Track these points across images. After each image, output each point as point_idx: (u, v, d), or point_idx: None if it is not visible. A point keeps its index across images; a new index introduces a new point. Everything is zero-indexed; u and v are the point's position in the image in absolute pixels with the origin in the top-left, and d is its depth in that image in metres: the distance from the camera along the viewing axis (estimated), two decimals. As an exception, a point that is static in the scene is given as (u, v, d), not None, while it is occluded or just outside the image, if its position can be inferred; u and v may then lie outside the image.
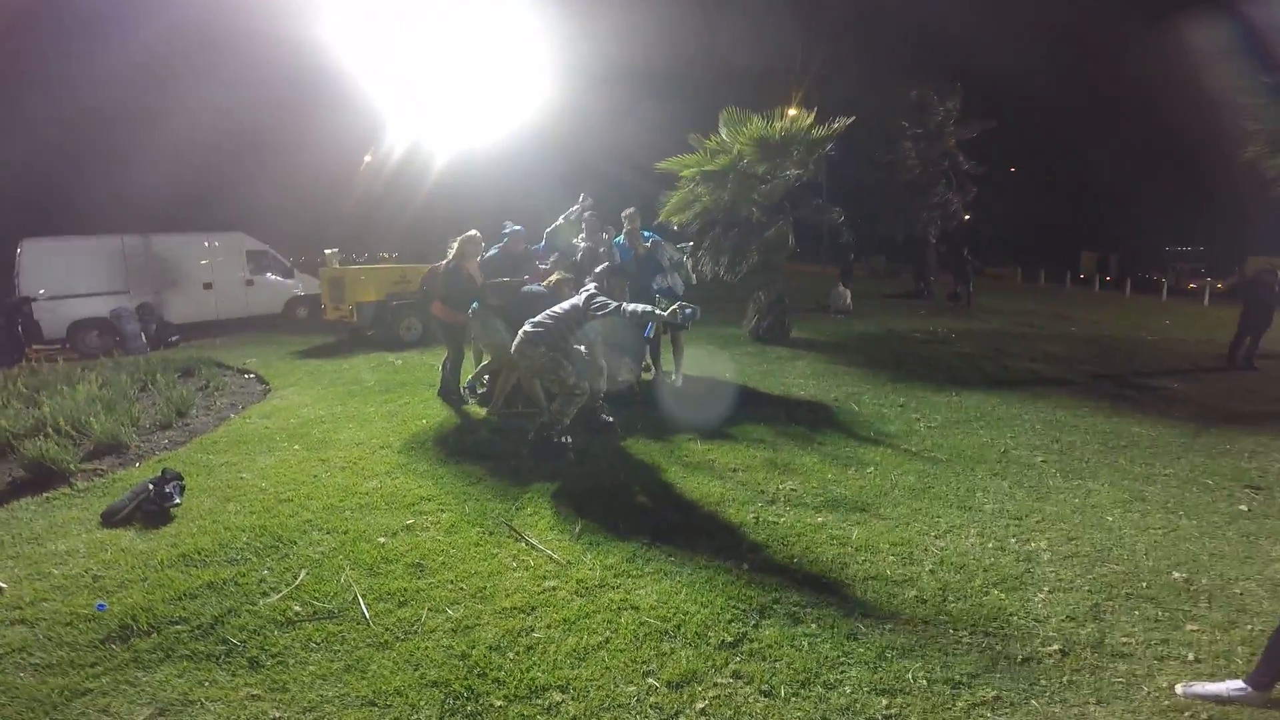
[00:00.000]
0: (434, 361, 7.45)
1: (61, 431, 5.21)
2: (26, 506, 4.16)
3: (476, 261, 6.07)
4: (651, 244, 6.72)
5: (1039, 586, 3.10)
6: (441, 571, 3.19)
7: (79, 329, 11.51)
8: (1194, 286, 24.07)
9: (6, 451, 5.03)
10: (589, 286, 4.88)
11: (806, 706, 2.30)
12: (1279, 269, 9.20)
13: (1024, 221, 34.35)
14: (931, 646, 2.63)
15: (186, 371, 8.05)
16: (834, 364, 8.35)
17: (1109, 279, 28.40)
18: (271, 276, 14.40)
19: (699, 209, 9.33)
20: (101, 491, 4.37)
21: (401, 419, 5.88)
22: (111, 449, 5.18)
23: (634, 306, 4.62)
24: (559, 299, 5.08)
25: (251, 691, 2.38)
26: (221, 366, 8.62)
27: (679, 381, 6.87)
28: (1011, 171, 32.86)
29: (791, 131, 9.04)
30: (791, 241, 9.52)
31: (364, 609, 2.86)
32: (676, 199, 9.47)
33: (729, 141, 9.13)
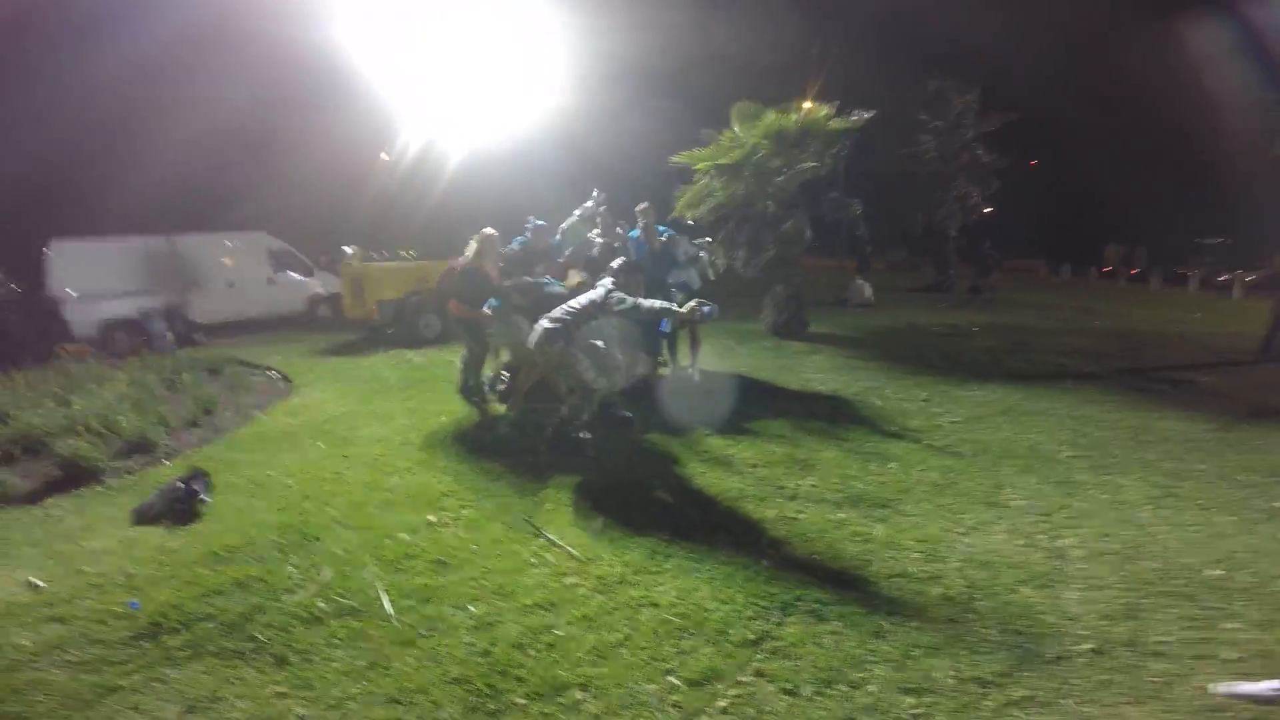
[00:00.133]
0: (454, 359, 7.47)
1: (92, 430, 5.31)
2: (60, 504, 4.27)
3: (494, 260, 6.08)
4: (667, 239, 6.69)
5: (1070, 584, 3.03)
6: (463, 568, 3.21)
7: (108, 328, 11.73)
8: (1224, 279, 23.39)
9: (40, 450, 5.14)
10: (605, 282, 4.87)
11: (830, 705, 2.28)
12: None
13: (1047, 214, 33.70)
14: (959, 645, 2.58)
15: (212, 370, 8.17)
16: (853, 358, 8.26)
17: (1135, 272, 27.73)
18: (293, 275, 14.55)
19: (713, 203, 9.28)
20: (132, 489, 4.46)
21: (422, 416, 5.92)
22: (141, 447, 5.28)
23: (651, 302, 4.61)
24: None
25: (278, 689, 2.41)
26: (246, 365, 8.73)
27: (696, 375, 6.84)
28: (1034, 164, 32.22)
29: (808, 123, 8.95)
30: (808, 235, 9.43)
31: (387, 606, 2.88)
32: (691, 193, 9.43)
33: (743, 135, 9.06)
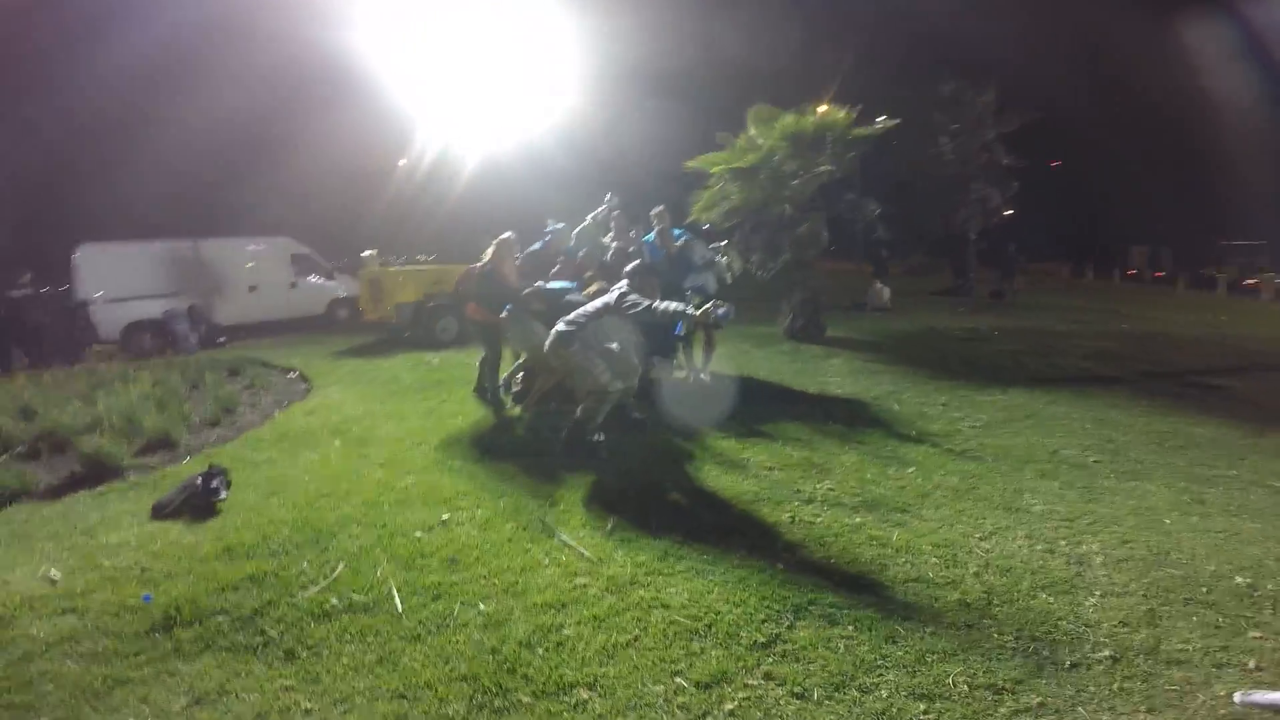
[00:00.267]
0: (470, 361, 7.53)
1: (116, 428, 5.43)
2: (82, 500, 4.35)
3: (512, 263, 6.10)
4: (683, 243, 6.68)
5: (1090, 590, 2.96)
6: (475, 566, 3.21)
7: (133, 330, 11.97)
8: (1253, 282, 22.87)
9: (65, 447, 5.26)
10: (620, 285, 4.87)
11: (840, 710, 2.24)
12: None
13: (1070, 216, 33.19)
14: (974, 651, 2.53)
15: (233, 371, 8.31)
16: (872, 362, 8.17)
17: (1161, 274, 27.23)
18: (314, 279, 14.76)
19: (728, 206, 9.24)
20: (152, 486, 4.53)
21: (438, 416, 5.96)
22: (162, 444, 5.38)
23: (666, 305, 4.60)
24: None
25: (285, 683, 2.42)
26: (267, 366, 8.87)
27: (707, 377, 6.81)
28: (1055, 165, 31.75)
29: (824, 125, 8.88)
30: (825, 237, 9.35)
31: (398, 602, 2.88)
32: (706, 197, 9.39)
33: (759, 138, 9.01)
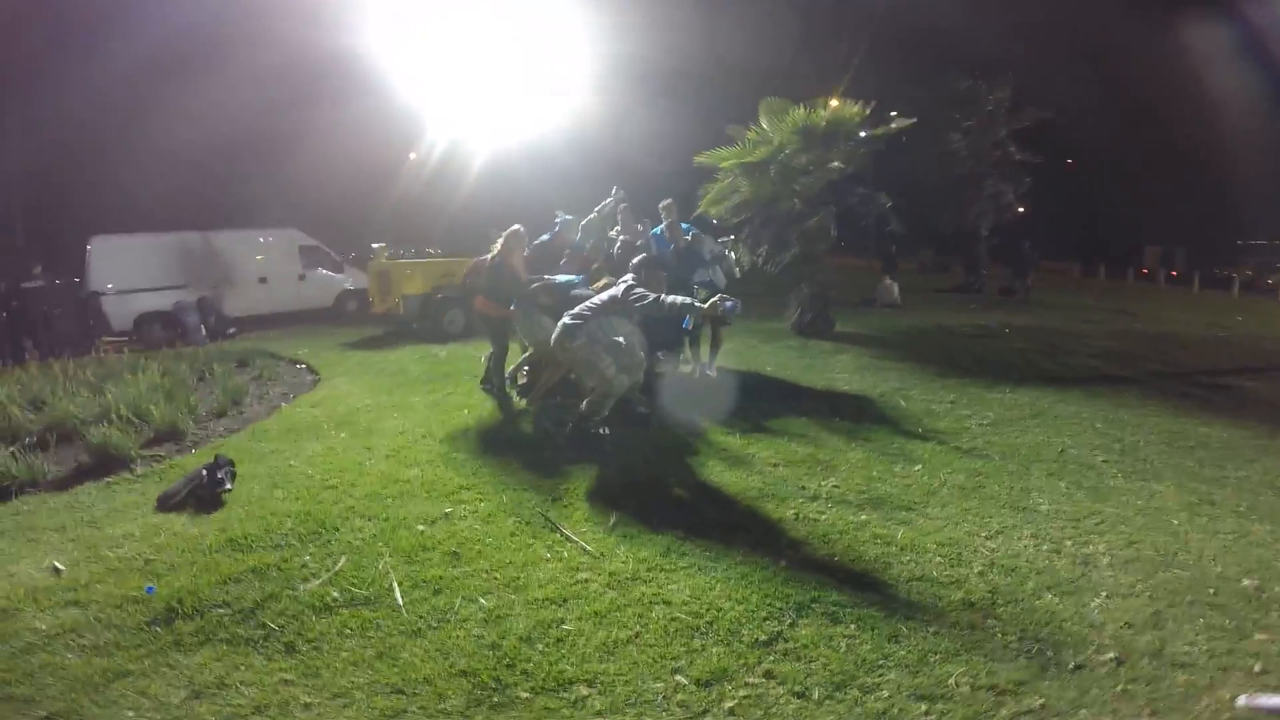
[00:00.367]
0: (477, 354, 7.52)
1: (124, 419, 5.45)
2: (89, 491, 4.36)
3: (521, 255, 6.08)
4: (693, 237, 6.64)
5: (1096, 591, 2.93)
6: (477, 560, 3.21)
7: (144, 321, 12.06)
8: (1271, 282, 22.59)
9: (73, 437, 5.28)
10: (626, 278, 4.84)
11: (840, 710, 2.22)
12: None
13: (1083, 214, 32.82)
14: (977, 651, 2.51)
15: (242, 362, 8.33)
16: (880, 358, 8.12)
17: (1175, 274, 26.89)
18: (323, 271, 14.81)
19: (738, 200, 9.17)
20: (159, 477, 4.55)
21: (444, 409, 5.96)
22: (170, 436, 5.40)
23: (672, 299, 4.58)
24: None
25: (284, 677, 2.42)
26: (275, 357, 8.89)
27: (713, 372, 6.79)
28: (1070, 164, 31.39)
29: (836, 121, 8.80)
30: (833, 232, 9.28)
31: (398, 597, 2.89)
32: (715, 191, 9.33)
33: (769, 132, 8.94)
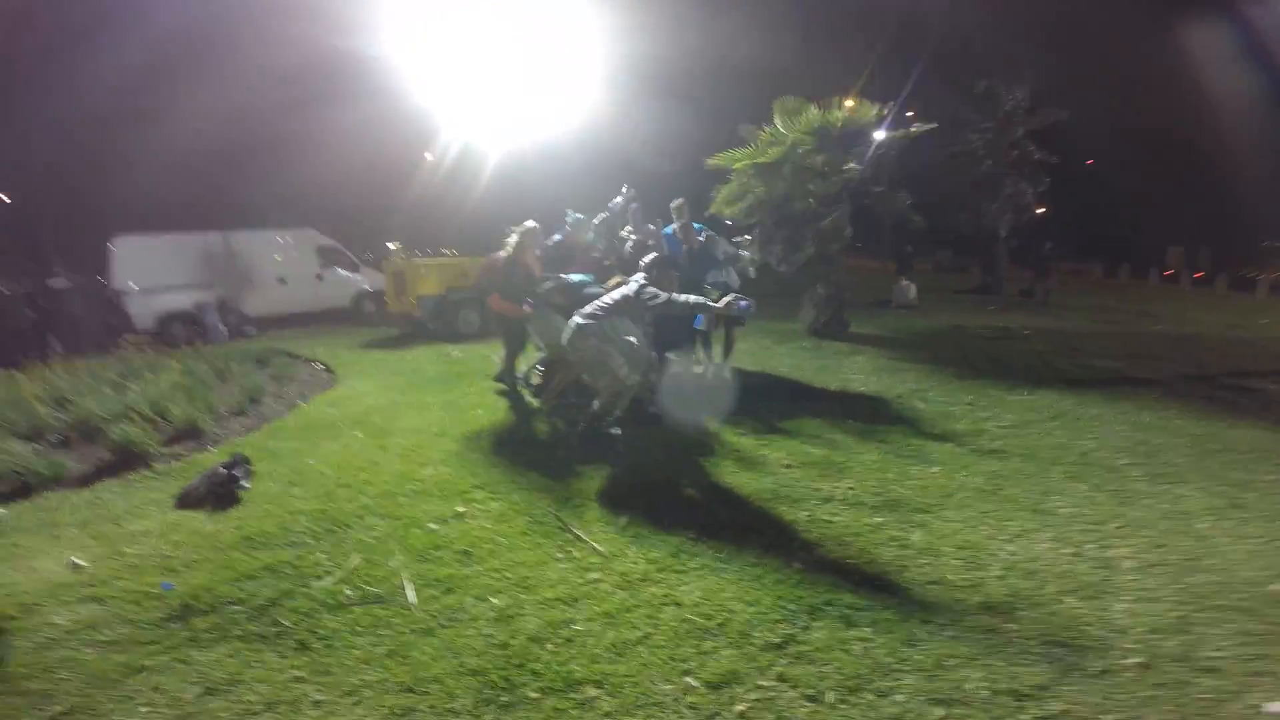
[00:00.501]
0: (491, 354, 7.55)
1: (145, 417, 5.53)
2: (110, 488, 4.44)
3: (535, 253, 6.09)
4: (706, 238, 6.60)
5: (1119, 595, 2.85)
6: (488, 559, 3.21)
7: (165, 320, 12.24)
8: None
9: (96, 435, 5.37)
10: (639, 277, 4.83)
11: (854, 714, 2.18)
12: None
13: (1105, 214, 32.26)
14: (996, 655, 2.45)
15: (260, 361, 8.44)
16: (896, 360, 8.03)
17: (1199, 275, 26.30)
18: (340, 271, 14.95)
19: (751, 200, 9.11)
20: (178, 474, 4.61)
21: (458, 409, 5.99)
22: (189, 434, 5.47)
23: (685, 297, 4.55)
24: None
25: (296, 674, 2.43)
26: (292, 357, 9.00)
27: (726, 372, 6.75)
28: (1089, 163, 30.87)
29: (852, 122, 8.72)
30: (848, 232, 9.19)
31: (410, 595, 2.89)
32: (727, 191, 9.28)
33: (784, 130, 8.87)
